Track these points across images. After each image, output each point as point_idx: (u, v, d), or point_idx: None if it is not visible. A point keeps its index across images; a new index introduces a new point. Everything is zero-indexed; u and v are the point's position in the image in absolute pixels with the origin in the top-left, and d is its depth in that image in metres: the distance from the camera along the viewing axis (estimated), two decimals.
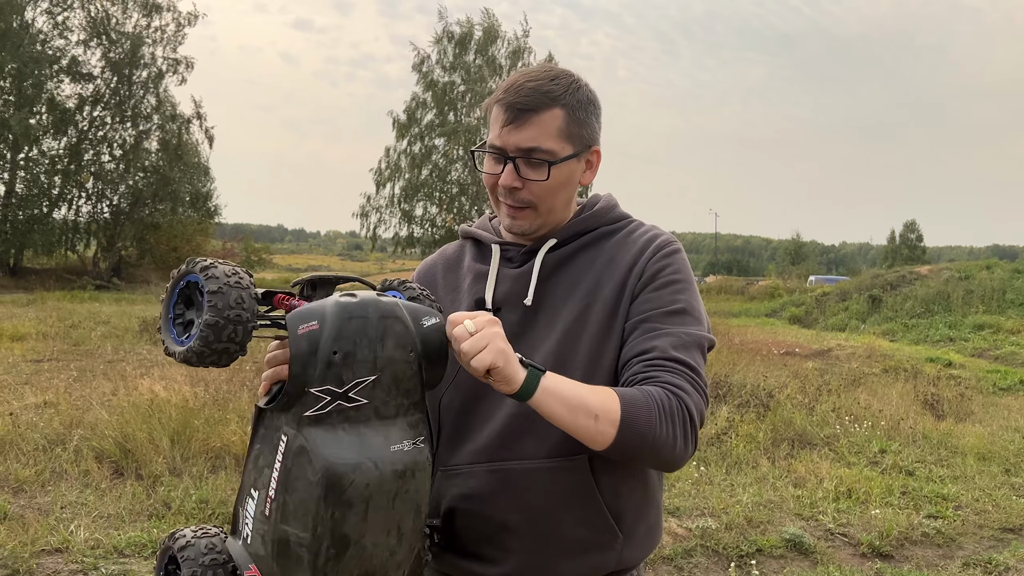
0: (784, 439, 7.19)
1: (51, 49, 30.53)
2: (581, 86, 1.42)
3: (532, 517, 1.37)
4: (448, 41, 34.10)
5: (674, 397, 1.29)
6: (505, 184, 1.39)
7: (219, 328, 1.06)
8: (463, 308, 1.46)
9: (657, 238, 1.46)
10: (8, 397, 7.28)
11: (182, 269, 1.13)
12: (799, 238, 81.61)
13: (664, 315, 1.37)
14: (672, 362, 1.33)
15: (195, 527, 1.18)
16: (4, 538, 4.15)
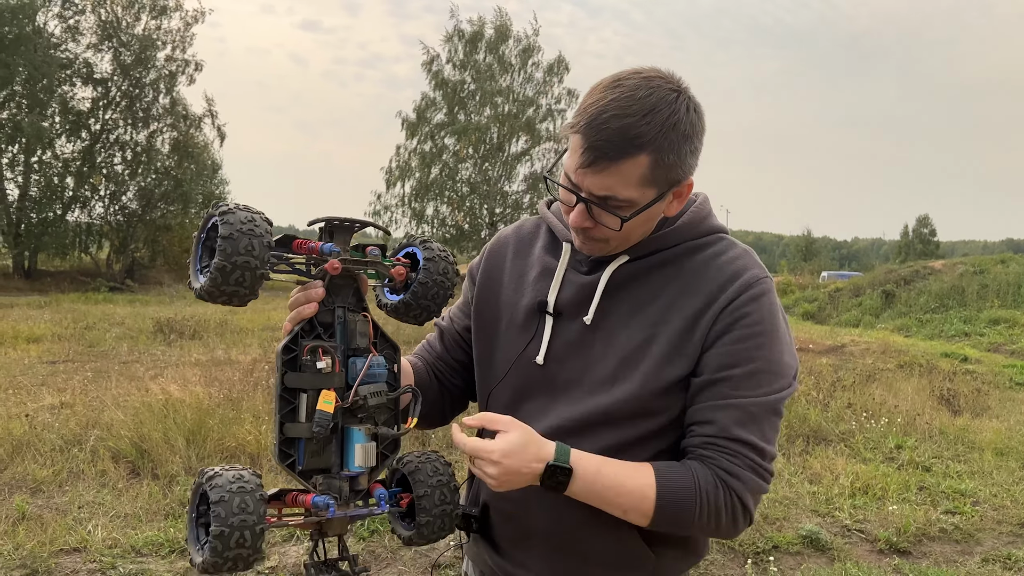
0: (799, 435, 7.15)
1: (63, 53, 30.72)
2: (680, 119, 1.20)
3: (561, 528, 1.35)
4: (459, 39, 34.09)
5: (723, 488, 1.24)
6: (575, 224, 1.28)
7: (226, 272, 1.10)
8: (525, 302, 1.41)
9: (743, 273, 1.30)
10: (24, 398, 7.34)
11: (209, 211, 1.17)
12: (811, 234, 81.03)
13: (737, 377, 1.26)
14: (732, 442, 1.25)
15: (232, 472, 1.19)
16: (23, 538, 4.18)
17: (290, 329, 1.22)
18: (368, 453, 1.23)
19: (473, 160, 34.48)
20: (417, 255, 1.32)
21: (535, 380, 1.38)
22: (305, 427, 1.19)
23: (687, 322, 1.29)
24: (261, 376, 8.29)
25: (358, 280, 1.27)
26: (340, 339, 1.25)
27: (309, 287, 1.23)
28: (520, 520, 1.38)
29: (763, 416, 1.27)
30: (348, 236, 1.26)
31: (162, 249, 32.79)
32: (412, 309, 1.31)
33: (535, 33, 34.61)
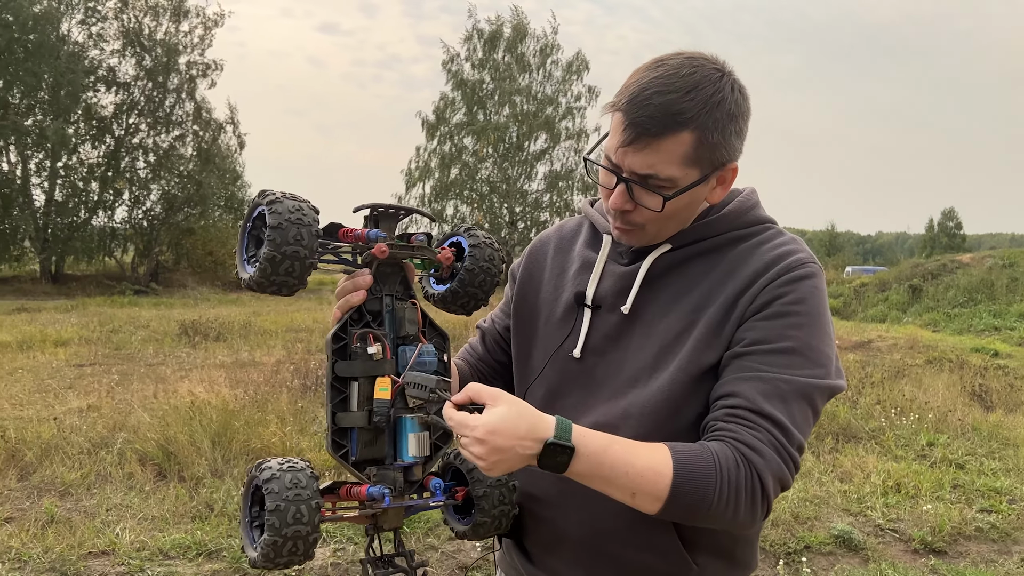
0: (828, 433, 7.05)
1: (87, 59, 31.09)
2: (724, 98, 1.17)
3: (595, 533, 1.28)
4: (478, 39, 34.12)
5: (744, 464, 1.12)
6: (615, 207, 1.23)
7: (276, 262, 1.09)
8: (565, 297, 1.37)
9: (788, 256, 1.23)
10: (52, 402, 7.40)
11: (255, 199, 1.15)
12: (834, 228, 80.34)
13: (766, 352, 1.17)
14: (756, 415, 1.14)
15: (282, 459, 1.18)
16: (52, 541, 4.20)
17: (339, 317, 1.21)
18: (422, 442, 1.21)
19: (493, 159, 34.49)
20: (462, 243, 1.32)
21: (572, 375, 1.33)
22: (358, 416, 1.18)
23: (726, 306, 1.22)
24: (285, 377, 8.32)
25: (405, 268, 1.26)
26: (389, 327, 1.24)
27: (357, 275, 1.22)
28: (553, 524, 1.33)
29: (792, 397, 1.15)
30: (393, 224, 1.25)
31: (185, 252, 33.10)
32: (459, 297, 1.30)
33: (554, 31, 34.58)
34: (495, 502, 1.29)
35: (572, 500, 1.29)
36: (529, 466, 1.35)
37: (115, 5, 31.46)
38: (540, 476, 1.33)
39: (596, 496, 1.25)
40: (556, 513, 1.32)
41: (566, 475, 1.12)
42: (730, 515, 1.12)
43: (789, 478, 1.15)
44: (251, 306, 20.07)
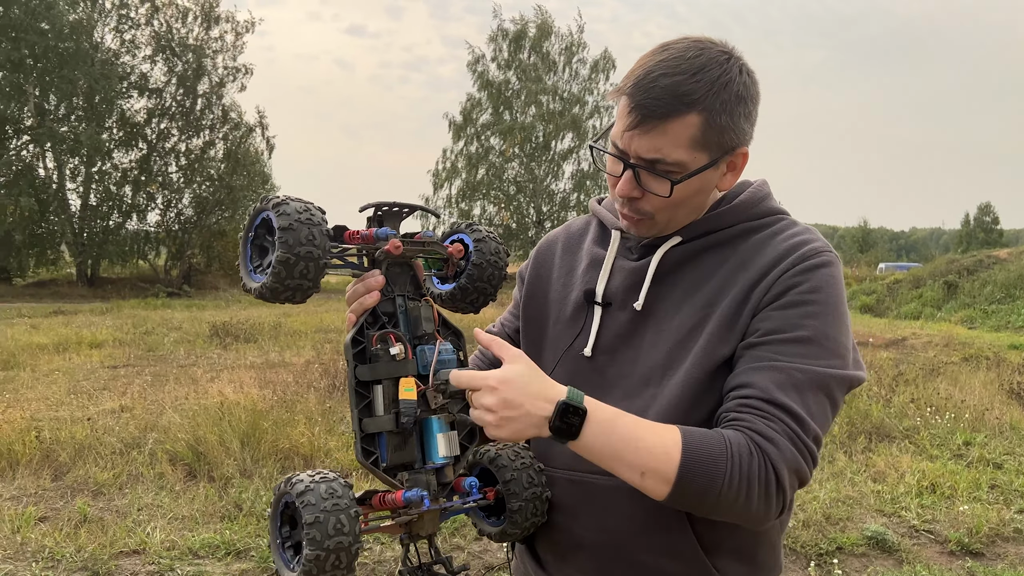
0: (861, 432, 6.93)
1: (120, 66, 31.61)
2: (731, 80, 1.15)
3: (612, 539, 1.24)
4: (503, 39, 34.15)
5: (758, 453, 1.08)
6: (623, 193, 1.20)
7: (290, 265, 1.06)
8: (574, 295, 1.34)
9: (804, 245, 1.20)
10: (87, 403, 7.52)
11: (257, 206, 1.12)
12: (866, 225, 79.08)
13: (781, 342, 1.13)
14: (770, 405, 1.10)
15: (312, 471, 1.14)
16: (84, 540, 4.25)
17: (354, 321, 1.18)
18: (451, 441, 1.18)
19: (519, 159, 34.50)
20: (465, 240, 1.28)
21: (583, 375, 1.30)
22: (385, 420, 1.14)
23: (739, 298, 1.19)
24: (314, 378, 8.37)
25: (413, 267, 1.23)
26: (404, 328, 1.20)
27: (367, 276, 1.18)
28: (568, 531, 1.29)
29: (807, 387, 1.12)
30: (398, 222, 1.22)
31: (217, 255, 33.56)
32: (469, 294, 1.26)
33: (580, 30, 34.50)
34: (528, 515, 1.26)
35: (587, 505, 1.26)
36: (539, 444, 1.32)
37: (147, 12, 31.96)
38: (553, 481, 1.31)
39: (611, 501, 1.23)
40: (570, 519, 1.28)
41: (577, 449, 1.09)
42: (742, 505, 1.08)
43: (806, 470, 1.11)
44: (281, 308, 20.23)
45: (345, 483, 1.08)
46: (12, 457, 5.50)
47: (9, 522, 4.46)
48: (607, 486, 1.23)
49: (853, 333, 1.23)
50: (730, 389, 1.15)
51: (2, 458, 5.49)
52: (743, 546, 1.26)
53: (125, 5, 31.70)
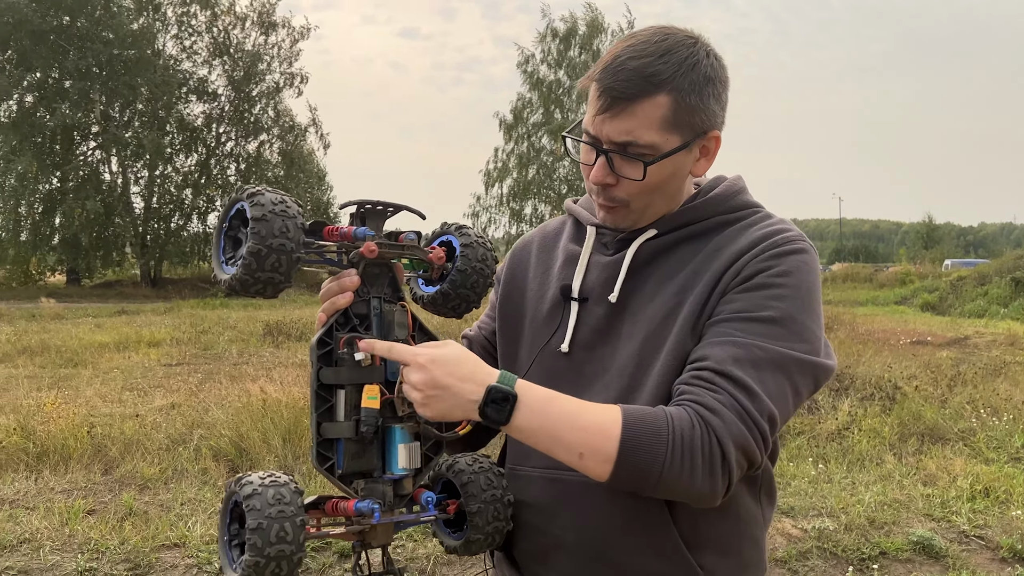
0: (912, 434, 6.72)
1: (180, 72, 32.55)
2: (698, 61, 1.16)
3: (590, 538, 1.22)
4: (552, 38, 34.10)
5: (700, 425, 1.05)
6: (596, 180, 1.20)
7: (261, 257, 1.03)
8: (551, 293, 1.33)
9: (777, 234, 1.19)
10: (140, 400, 7.75)
11: (233, 196, 1.10)
12: (932, 220, 76.73)
13: (744, 320, 1.12)
14: (720, 377, 1.08)
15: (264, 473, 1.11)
16: (128, 533, 4.38)
17: (324, 321, 1.15)
18: (412, 454, 1.15)
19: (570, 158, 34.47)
20: (453, 243, 1.25)
21: (559, 371, 1.28)
22: (345, 426, 1.11)
23: (711, 283, 1.18)
24: None
25: (393, 268, 1.20)
26: (377, 331, 1.17)
27: (343, 276, 1.16)
28: (545, 531, 1.27)
29: (766, 365, 1.09)
30: (381, 222, 1.19)
31: None
32: (451, 299, 1.23)
33: (630, 26, 34.22)
34: (489, 518, 1.23)
35: (565, 504, 1.24)
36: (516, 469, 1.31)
37: (207, 19, 32.83)
38: (529, 481, 1.29)
39: (590, 499, 1.21)
40: (548, 519, 1.26)
41: (512, 433, 1.08)
42: (686, 481, 1.05)
43: (754, 447, 1.07)
44: None
45: (295, 489, 1.06)
46: (66, 452, 5.69)
47: (59, 514, 4.62)
48: (584, 484, 1.20)
49: (914, 331, 1.21)
50: (689, 362, 1.14)
51: (57, 453, 5.69)
52: (727, 542, 1.23)
53: (186, 13, 32.63)
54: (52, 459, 5.62)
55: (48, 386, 8.50)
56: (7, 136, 30.05)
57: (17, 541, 4.26)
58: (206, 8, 32.62)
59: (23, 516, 4.61)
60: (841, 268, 45.39)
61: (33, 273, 31.48)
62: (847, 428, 6.76)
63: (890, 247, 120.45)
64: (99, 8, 30.42)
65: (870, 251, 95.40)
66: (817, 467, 5.84)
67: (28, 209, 30.59)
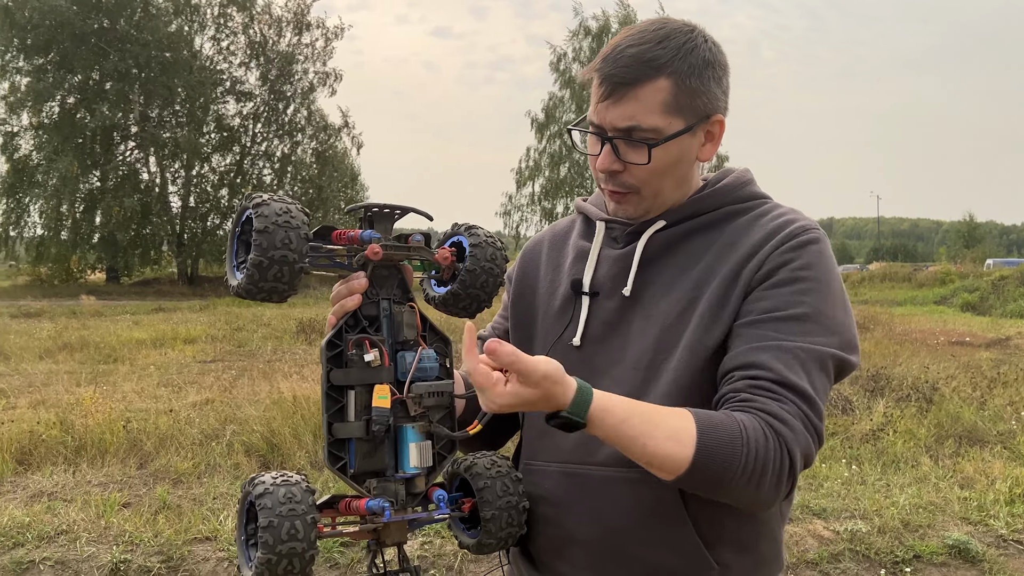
0: (949, 436, 6.59)
1: (216, 73, 33.03)
2: (697, 46, 1.19)
3: (607, 532, 1.22)
4: (584, 36, 34.00)
5: (773, 437, 1.07)
6: (603, 167, 1.22)
7: (263, 268, 1.05)
8: (562, 289, 1.34)
9: (791, 224, 1.21)
10: (175, 396, 7.88)
11: (243, 203, 1.12)
12: (973, 219, 75.11)
13: (779, 320, 1.14)
14: (781, 387, 1.09)
15: (277, 473, 1.13)
16: (162, 526, 4.45)
17: (334, 323, 1.16)
18: (424, 452, 1.15)
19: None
20: (463, 243, 1.25)
21: (571, 365, 1.26)
22: (356, 426, 1.12)
23: (728, 279, 1.19)
24: None
25: (402, 270, 1.21)
26: (387, 332, 1.18)
27: (351, 278, 1.17)
28: (560, 525, 1.26)
29: (812, 366, 1.12)
30: (389, 224, 1.20)
31: None
32: (461, 299, 1.23)
33: None
34: (503, 524, 1.23)
35: (581, 499, 1.23)
36: (530, 464, 1.31)
37: (243, 20, 33.27)
38: (545, 476, 1.29)
39: (606, 493, 1.21)
40: (563, 513, 1.26)
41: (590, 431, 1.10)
42: (752, 490, 1.07)
43: (814, 453, 1.11)
44: None
45: (307, 488, 1.07)
46: (103, 446, 5.81)
47: (95, 507, 4.71)
48: (602, 477, 1.21)
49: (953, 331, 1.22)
50: (734, 367, 1.14)
51: (94, 447, 5.81)
52: (744, 538, 1.23)
53: (223, 15, 33.10)
54: (90, 453, 5.74)
55: (87, 381, 8.68)
56: (50, 137, 30.74)
57: (55, 532, 4.35)
58: (242, 10, 33.07)
59: (61, 508, 4.72)
60: (879, 267, 44.66)
61: (74, 271, 32.15)
62: (882, 429, 6.65)
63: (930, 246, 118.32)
64: (139, 10, 30.99)
65: (909, 250, 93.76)
66: (851, 468, 5.75)
67: (69, 208, 31.26)
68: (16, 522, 4.42)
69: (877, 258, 75.65)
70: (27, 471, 5.52)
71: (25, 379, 9.06)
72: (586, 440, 1.22)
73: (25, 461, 5.68)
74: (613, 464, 1.20)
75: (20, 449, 5.77)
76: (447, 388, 1.17)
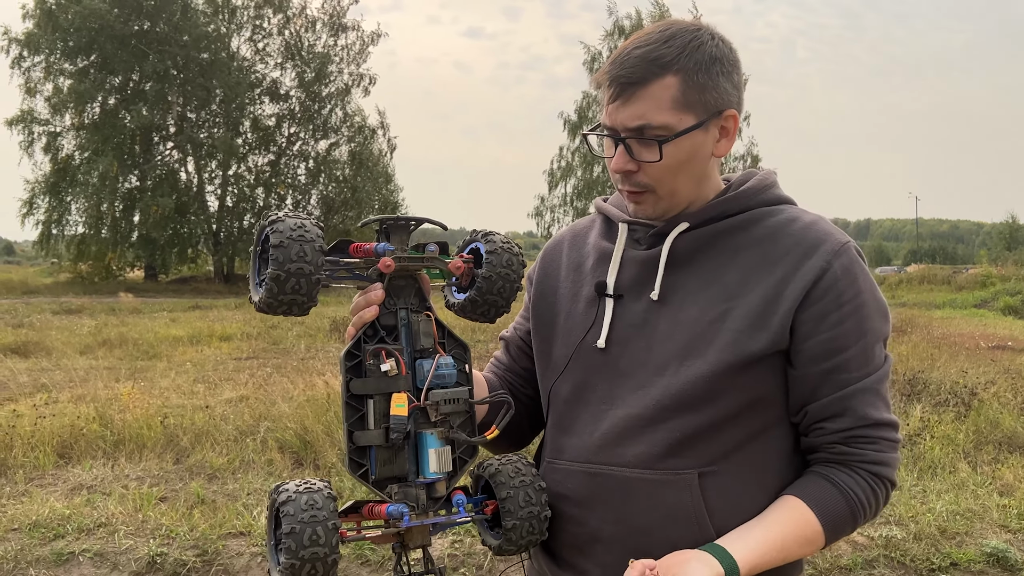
0: (989, 442, 6.46)
1: (253, 74, 33.46)
2: (703, 43, 1.21)
3: (629, 532, 1.24)
4: (619, 36, 33.89)
5: (879, 484, 1.22)
6: (617, 168, 1.23)
7: (281, 281, 1.08)
8: (585, 291, 1.35)
9: (826, 239, 1.22)
10: (210, 392, 8.00)
11: (261, 222, 1.16)
12: (1015, 220, 73.41)
13: (850, 360, 1.20)
14: (871, 429, 1.21)
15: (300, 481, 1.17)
16: (197, 520, 4.53)
17: (353, 334, 1.20)
18: (443, 458, 1.18)
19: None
20: (480, 250, 1.28)
21: (596, 367, 1.29)
22: (375, 434, 1.16)
23: (769, 293, 1.21)
24: None
25: (419, 279, 1.24)
26: (405, 341, 1.21)
27: (368, 290, 1.20)
28: (583, 524, 1.28)
29: (882, 387, 1.23)
30: (405, 235, 1.23)
31: None
32: (479, 306, 1.26)
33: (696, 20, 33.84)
34: (524, 533, 1.26)
35: (604, 498, 1.25)
36: (554, 463, 1.32)
37: (279, 22, 33.67)
38: (569, 474, 1.30)
39: (630, 492, 1.23)
40: (587, 512, 1.27)
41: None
42: (864, 525, 1.29)
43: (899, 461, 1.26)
44: None
45: (329, 494, 1.11)
46: (140, 441, 5.93)
47: (133, 500, 4.81)
48: (625, 478, 1.23)
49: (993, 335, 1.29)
50: (823, 419, 1.22)
51: (132, 441, 5.93)
52: None
53: (260, 16, 33.53)
54: (128, 447, 5.86)
55: (125, 377, 8.86)
56: (91, 137, 31.38)
57: (94, 525, 4.45)
58: (278, 12, 33.48)
59: (100, 501, 4.82)
60: (917, 269, 43.89)
61: (113, 269, 32.78)
62: (919, 434, 6.54)
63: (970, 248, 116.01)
64: (177, 12, 31.51)
65: (948, 252, 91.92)
66: None
67: (109, 207, 31.88)
68: (57, 514, 4.53)
69: (915, 260, 74.38)
70: (68, 464, 5.65)
71: (66, 374, 9.26)
72: (611, 440, 1.25)
73: (66, 454, 5.82)
74: (637, 465, 1.22)
75: (61, 443, 5.91)
76: (463, 395, 1.20)
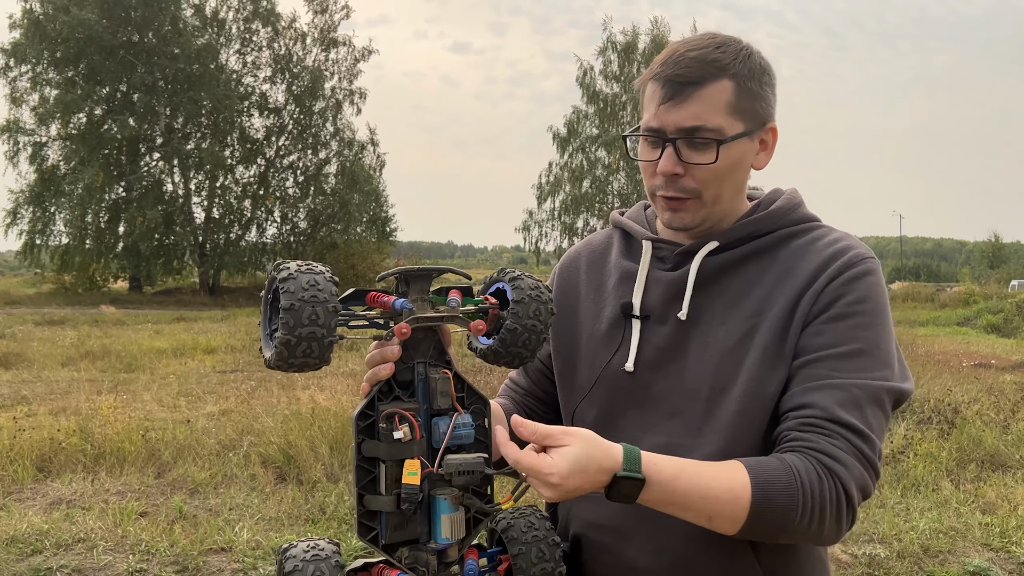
0: (971, 460, 6.49)
1: (242, 86, 33.44)
2: (752, 53, 1.21)
3: (668, 562, 1.20)
4: (612, 51, 34.11)
5: (827, 476, 1.08)
6: (665, 171, 1.19)
7: (292, 346, 1.04)
8: (608, 312, 1.31)
9: (846, 252, 1.20)
10: (193, 405, 7.94)
11: (272, 275, 1.11)
12: (998, 239, 74.15)
13: (836, 357, 1.14)
14: (832, 423, 1.10)
15: (308, 545, 1.13)
16: (178, 536, 4.48)
17: (367, 391, 1.14)
18: (456, 524, 1.14)
19: (625, 171, 34.30)
20: (507, 293, 1.20)
21: (624, 392, 1.26)
22: (387, 500, 1.11)
23: (787, 308, 1.19)
24: None
25: (439, 331, 1.18)
26: (422, 398, 1.16)
27: (384, 345, 1.13)
28: (620, 554, 1.24)
29: (866, 402, 1.13)
30: (426, 284, 1.18)
31: (329, 265, 34.93)
32: (502, 356, 1.20)
33: None
34: (533, 559, 1.21)
35: (641, 527, 1.21)
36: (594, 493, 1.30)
37: (268, 35, 33.71)
38: (604, 503, 1.24)
39: (667, 522, 1.17)
40: (623, 542, 1.23)
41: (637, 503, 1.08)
42: (814, 530, 1.09)
43: (871, 486, 1.12)
44: None
45: (337, 563, 1.09)
46: (121, 454, 5.86)
47: (113, 515, 4.75)
48: None
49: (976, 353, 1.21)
50: (789, 408, 1.15)
51: (113, 455, 5.87)
52: (802, 566, 1.24)
53: (249, 29, 33.55)
54: (108, 461, 5.80)
55: (107, 390, 8.77)
56: (76, 147, 31.20)
57: (72, 540, 4.40)
58: (267, 24, 33.50)
59: (79, 516, 4.76)
60: (901, 287, 44.15)
61: (97, 280, 32.52)
62: (902, 452, 6.56)
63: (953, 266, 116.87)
64: (166, 24, 31.47)
65: (932, 270, 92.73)
66: None
67: (94, 218, 31.66)
68: (35, 529, 4.47)
69: (899, 278, 74.84)
70: (47, 478, 5.58)
71: (47, 386, 9.17)
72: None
73: (45, 468, 5.75)
74: None
75: (40, 456, 5.84)
76: (478, 467, 1.12)
